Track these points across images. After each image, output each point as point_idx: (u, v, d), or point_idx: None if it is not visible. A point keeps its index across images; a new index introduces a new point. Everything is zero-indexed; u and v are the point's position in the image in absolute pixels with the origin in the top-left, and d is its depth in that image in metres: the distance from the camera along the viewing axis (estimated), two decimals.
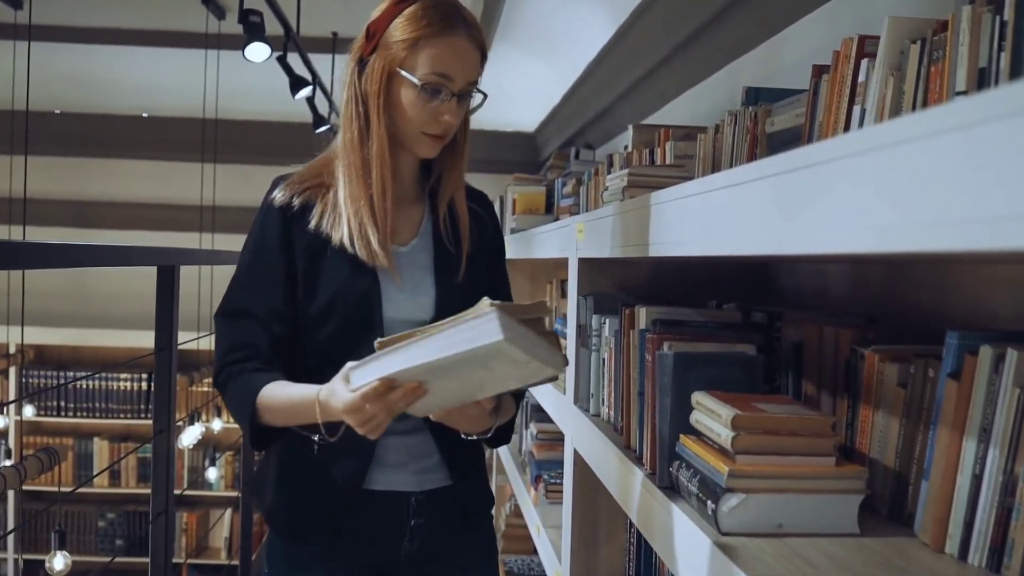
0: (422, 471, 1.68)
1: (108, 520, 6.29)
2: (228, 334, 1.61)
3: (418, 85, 1.53)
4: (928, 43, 1.34)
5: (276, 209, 1.61)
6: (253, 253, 1.63)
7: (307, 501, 1.66)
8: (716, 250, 1.21)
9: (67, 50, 5.72)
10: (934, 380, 1.25)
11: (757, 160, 1.98)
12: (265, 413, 1.54)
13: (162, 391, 2.29)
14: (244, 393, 1.55)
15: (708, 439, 1.38)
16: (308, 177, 1.64)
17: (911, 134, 0.72)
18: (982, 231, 0.62)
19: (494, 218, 1.82)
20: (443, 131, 1.58)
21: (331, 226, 1.59)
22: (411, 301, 1.63)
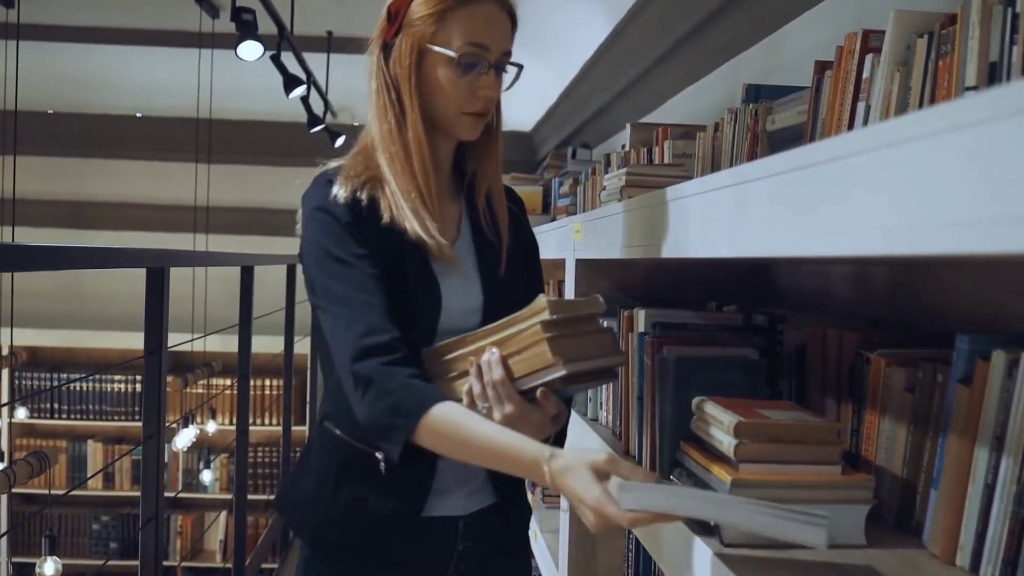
0: (470, 493, 1.59)
1: (102, 523, 6.24)
2: (354, 319, 1.37)
3: (455, 58, 1.41)
4: (936, 37, 1.30)
5: (341, 205, 1.43)
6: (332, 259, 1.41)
7: (360, 527, 1.52)
8: (720, 252, 1.17)
9: (60, 49, 5.68)
10: (943, 385, 1.21)
11: (758, 158, 1.94)
12: (431, 433, 1.31)
13: (151, 395, 2.24)
14: (407, 400, 1.32)
15: (710, 446, 1.34)
16: (357, 172, 1.48)
17: (929, 130, 0.68)
18: (999, 233, 0.58)
19: (523, 211, 1.72)
20: (483, 107, 1.46)
21: (403, 219, 1.44)
22: (463, 304, 1.52)
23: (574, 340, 1.37)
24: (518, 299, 1.50)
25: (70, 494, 6.04)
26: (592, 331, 1.42)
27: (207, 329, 5.26)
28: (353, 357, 1.35)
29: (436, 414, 1.30)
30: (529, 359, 1.36)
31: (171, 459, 6.20)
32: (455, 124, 1.48)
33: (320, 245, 1.43)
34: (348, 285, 1.39)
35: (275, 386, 6.32)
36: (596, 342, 1.42)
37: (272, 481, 6.23)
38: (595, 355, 1.40)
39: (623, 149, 3.08)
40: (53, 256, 1.81)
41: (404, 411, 1.31)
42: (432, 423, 1.30)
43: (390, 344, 1.36)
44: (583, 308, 1.41)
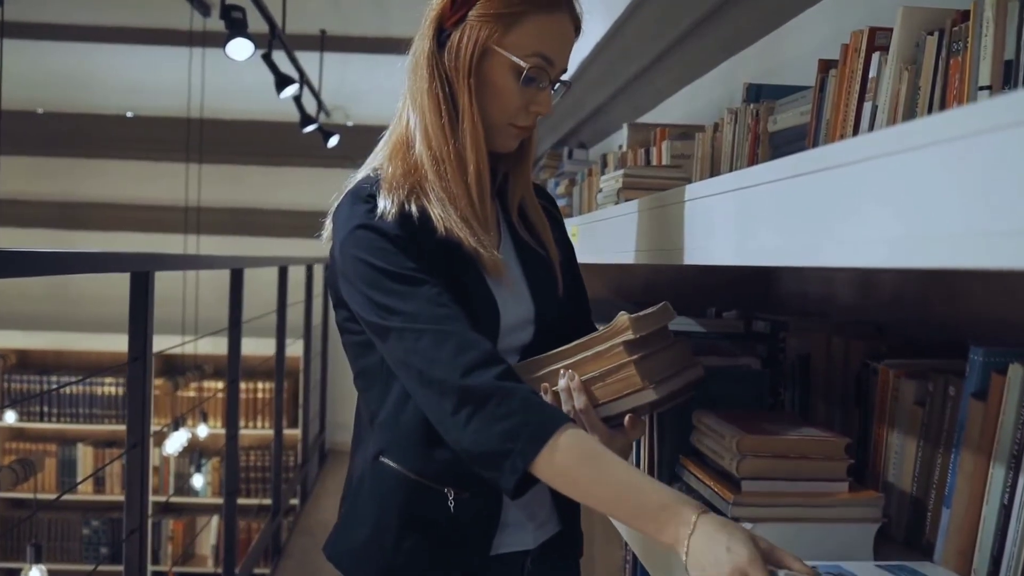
0: (539, 526, 1.45)
1: (92, 528, 6.17)
2: (444, 333, 1.22)
3: (524, 68, 1.29)
4: (947, 34, 1.24)
5: (392, 219, 1.28)
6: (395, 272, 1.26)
7: (429, 570, 1.37)
8: (723, 260, 1.11)
9: (49, 48, 5.62)
10: (955, 399, 1.16)
11: (759, 159, 1.89)
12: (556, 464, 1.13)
13: (136, 402, 2.18)
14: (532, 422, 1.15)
15: (711, 461, 1.29)
16: (399, 182, 1.33)
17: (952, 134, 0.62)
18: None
19: (561, 217, 1.59)
20: (532, 122, 1.37)
21: (457, 229, 1.30)
22: (516, 312, 1.37)
23: (657, 358, 1.29)
24: (566, 308, 1.45)
25: (60, 499, 5.99)
26: (668, 344, 1.33)
27: (199, 330, 5.20)
28: (462, 372, 1.18)
29: (565, 443, 1.12)
30: (615, 384, 1.27)
31: (162, 463, 6.13)
32: (499, 134, 1.35)
33: (371, 265, 1.26)
34: (418, 302, 1.24)
35: (267, 389, 6.26)
36: (675, 356, 1.33)
37: (265, 485, 6.17)
38: (678, 371, 1.32)
39: (620, 149, 3.02)
40: (33, 261, 1.75)
41: (527, 435, 1.14)
42: (560, 453, 1.12)
43: (496, 356, 1.21)
44: (660, 320, 1.31)
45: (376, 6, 4.78)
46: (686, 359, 1.35)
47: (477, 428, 1.17)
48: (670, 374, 1.30)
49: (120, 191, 6.96)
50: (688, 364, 1.34)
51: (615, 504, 1.12)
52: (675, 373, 1.31)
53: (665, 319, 1.31)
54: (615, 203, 2.05)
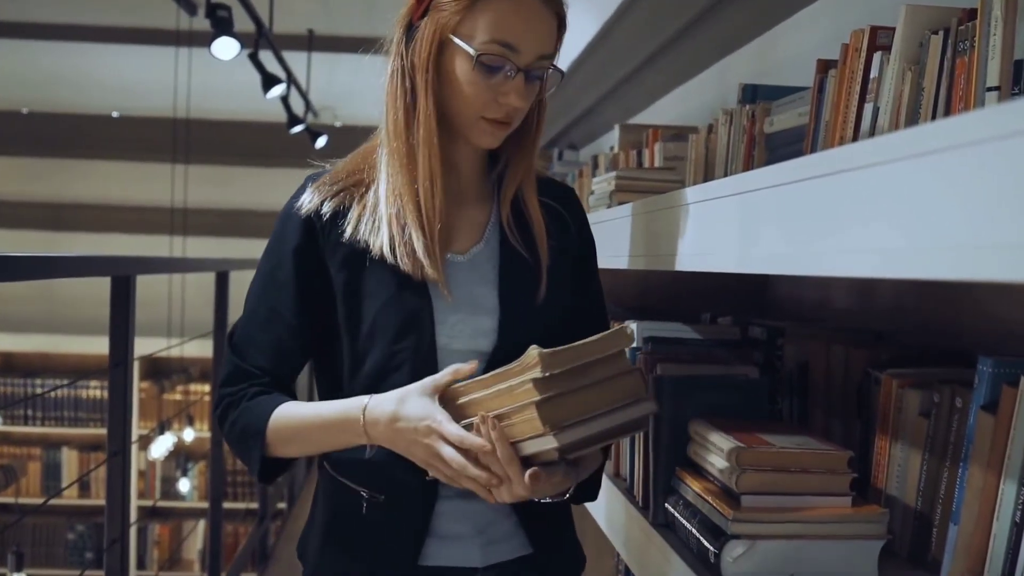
0: (490, 542, 1.34)
1: (77, 532, 6.11)
2: (228, 362, 1.35)
3: (473, 56, 1.23)
4: (953, 33, 1.20)
5: (300, 219, 1.31)
6: (262, 273, 1.35)
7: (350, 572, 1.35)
8: (723, 267, 1.07)
9: (34, 48, 5.56)
10: (962, 411, 1.12)
11: (755, 161, 1.85)
12: (277, 438, 1.28)
13: (117, 410, 2.13)
14: (251, 418, 1.29)
15: (708, 474, 1.25)
16: (344, 175, 1.34)
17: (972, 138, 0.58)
18: None
19: (580, 214, 1.45)
20: (506, 115, 1.27)
21: (369, 232, 1.28)
22: (469, 324, 1.30)
23: (578, 397, 1.13)
24: (552, 320, 1.33)
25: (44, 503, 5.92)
26: (609, 377, 1.15)
27: (185, 333, 5.13)
28: (213, 404, 1.38)
29: (272, 423, 1.28)
30: (521, 424, 1.13)
31: (148, 467, 6.07)
32: (471, 129, 1.29)
33: (259, 264, 1.37)
34: (250, 320, 1.35)
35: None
36: (612, 391, 1.15)
37: (251, 489, 6.11)
38: (608, 410, 1.14)
39: (612, 151, 2.98)
40: (12, 266, 1.69)
41: (251, 432, 1.29)
42: (271, 432, 1.28)
43: (244, 372, 1.33)
44: (594, 351, 1.14)
45: (364, 5, 4.73)
46: (630, 394, 1.16)
47: (228, 434, 1.33)
48: (591, 416, 1.13)
49: (106, 192, 6.89)
50: (630, 401, 1.16)
51: (323, 445, 1.30)
52: (602, 414, 1.14)
53: (603, 350, 1.15)
54: (607, 206, 2.01)
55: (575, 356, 1.12)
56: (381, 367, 1.27)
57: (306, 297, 1.31)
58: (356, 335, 1.29)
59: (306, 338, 1.34)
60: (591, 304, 1.44)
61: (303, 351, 1.35)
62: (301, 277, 1.31)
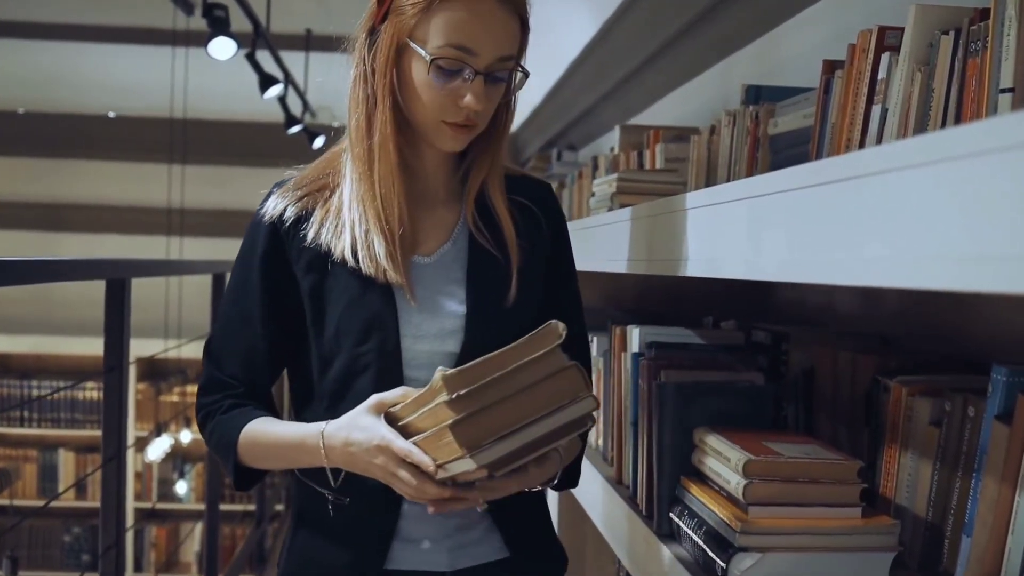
0: (460, 546, 1.33)
1: (74, 535, 6.07)
2: (205, 371, 1.38)
3: (428, 61, 1.22)
4: (964, 33, 1.18)
5: (265, 225, 1.32)
6: (234, 281, 1.37)
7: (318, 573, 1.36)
8: (727, 273, 1.04)
9: (30, 47, 5.52)
10: (975, 420, 1.09)
11: (759, 163, 1.83)
12: (248, 454, 1.31)
13: (112, 415, 2.10)
14: (224, 432, 1.32)
15: (714, 484, 1.22)
16: (308, 180, 1.35)
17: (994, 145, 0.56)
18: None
19: (555, 213, 1.43)
20: (466, 119, 1.26)
21: (332, 235, 1.29)
22: (435, 324, 1.30)
23: (502, 409, 1.07)
24: (524, 320, 1.30)
25: (38, 504, 5.88)
26: (539, 380, 1.09)
27: (182, 334, 5.10)
28: (196, 412, 1.40)
29: (241, 440, 1.31)
30: (445, 447, 1.08)
31: (144, 470, 6.03)
32: (433, 133, 1.29)
33: (232, 271, 1.39)
34: (223, 328, 1.38)
35: None
36: (545, 395, 1.10)
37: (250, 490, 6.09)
38: (540, 416, 1.09)
39: (612, 152, 2.96)
40: (3, 271, 1.67)
41: (224, 441, 1.32)
42: (242, 447, 1.31)
43: (221, 398, 1.36)
44: (511, 359, 1.08)
45: (362, 5, 4.69)
46: (571, 391, 1.11)
47: (209, 445, 1.37)
48: (517, 427, 1.08)
49: (103, 193, 6.84)
50: (563, 403, 1.10)
51: (288, 463, 1.33)
52: (531, 421, 1.08)
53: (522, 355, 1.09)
54: (608, 208, 1.98)
55: (487, 370, 1.08)
56: (347, 370, 1.28)
57: (276, 304, 1.33)
58: (322, 338, 1.30)
59: (279, 345, 1.35)
60: (565, 306, 1.41)
61: (277, 358, 1.37)
62: (270, 284, 1.33)
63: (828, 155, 1.49)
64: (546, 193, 1.44)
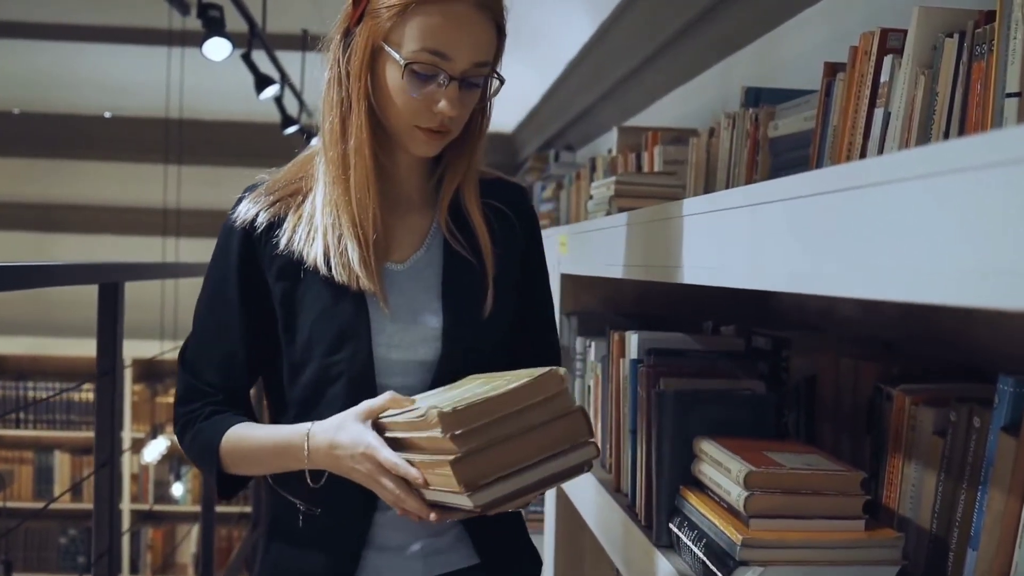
0: (432, 553, 1.33)
1: (70, 537, 6.05)
2: (181, 380, 1.37)
3: (402, 65, 1.21)
4: (969, 36, 1.16)
5: (237, 230, 1.30)
6: (208, 288, 1.36)
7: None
8: (727, 281, 1.02)
9: (25, 47, 5.49)
10: (981, 431, 1.07)
11: (759, 167, 1.81)
12: (230, 459, 1.30)
13: (104, 420, 2.07)
14: (205, 438, 1.31)
15: (714, 494, 1.20)
16: (281, 185, 1.33)
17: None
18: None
19: (529, 217, 1.43)
20: (440, 125, 1.24)
21: (305, 242, 1.27)
22: (409, 333, 1.29)
23: (504, 448, 1.05)
24: (501, 327, 1.33)
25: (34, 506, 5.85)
26: (543, 422, 1.08)
27: (178, 335, 5.07)
28: (173, 422, 1.38)
29: (223, 446, 1.29)
30: (441, 476, 1.06)
31: (141, 471, 6.01)
32: (407, 138, 1.27)
33: (205, 277, 1.37)
34: (197, 335, 1.36)
35: None
36: (547, 438, 1.08)
37: (245, 491, 6.07)
38: (539, 460, 1.07)
39: (609, 154, 2.93)
40: None
41: (205, 447, 1.30)
42: (224, 452, 1.29)
43: (199, 406, 1.34)
44: (511, 403, 1.06)
45: None
46: (573, 436, 1.10)
47: (188, 453, 1.36)
48: (526, 465, 1.06)
49: (98, 193, 6.81)
50: (573, 444, 1.10)
51: (271, 468, 1.30)
52: (536, 462, 1.07)
53: (525, 399, 1.07)
54: (606, 211, 1.96)
55: (485, 410, 1.05)
56: (318, 379, 1.28)
57: (250, 310, 1.32)
58: (293, 346, 1.29)
59: (254, 351, 1.34)
60: (539, 310, 1.43)
61: (253, 364, 1.36)
62: (243, 290, 1.31)
63: (829, 159, 1.47)
64: (520, 196, 1.44)
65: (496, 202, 1.38)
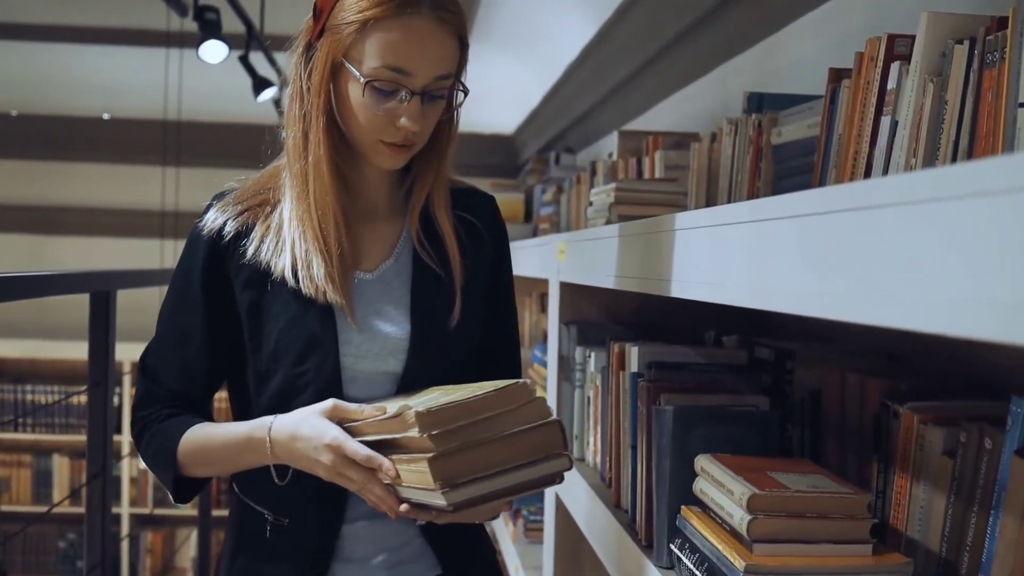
0: (396, 564, 1.34)
1: (68, 541, 6.01)
2: (140, 385, 1.37)
3: (362, 83, 1.21)
4: (980, 43, 1.12)
5: (204, 240, 1.31)
6: (172, 294, 1.36)
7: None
8: (728, 299, 0.98)
9: (22, 49, 5.46)
10: (992, 453, 1.03)
11: (762, 174, 1.77)
12: (189, 459, 1.30)
13: (96, 432, 2.04)
14: (163, 440, 1.31)
15: (717, 516, 1.16)
16: (250, 194, 1.34)
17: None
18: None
19: (497, 228, 1.44)
20: (404, 139, 1.25)
21: (272, 252, 1.28)
22: (376, 343, 1.30)
23: (481, 451, 1.08)
24: (470, 337, 1.35)
25: (33, 511, 5.83)
26: (521, 430, 1.10)
27: None
28: (131, 425, 1.38)
29: (182, 445, 1.29)
30: (416, 473, 1.08)
31: (140, 475, 5.97)
32: (372, 152, 1.28)
33: (174, 273, 1.36)
34: (159, 342, 1.36)
35: None
36: (523, 445, 1.10)
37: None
38: (514, 466, 1.10)
39: (610, 158, 2.90)
40: None
41: (163, 454, 1.30)
42: (182, 454, 1.29)
43: (155, 395, 1.34)
44: (483, 409, 1.09)
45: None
46: (549, 446, 1.12)
47: (144, 456, 1.34)
48: (501, 469, 1.09)
49: (96, 195, 6.76)
50: (548, 454, 1.12)
51: (233, 465, 1.29)
52: (511, 468, 1.09)
53: (492, 408, 1.09)
54: (606, 219, 1.93)
55: (459, 414, 1.07)
56: (285, 388, 1.28)
57: (214, 318, 1.32)
58: (259, 355, 1.29)
59: (216, 359, 1.34)
60: (505, 320, 1.45)
61: (214, 372, 1.36)
62: (208, 298, 1.32)
63: (834, 167, 1.43)
64: (490, 207, 1.44)
65: (466, 213, 1.39)
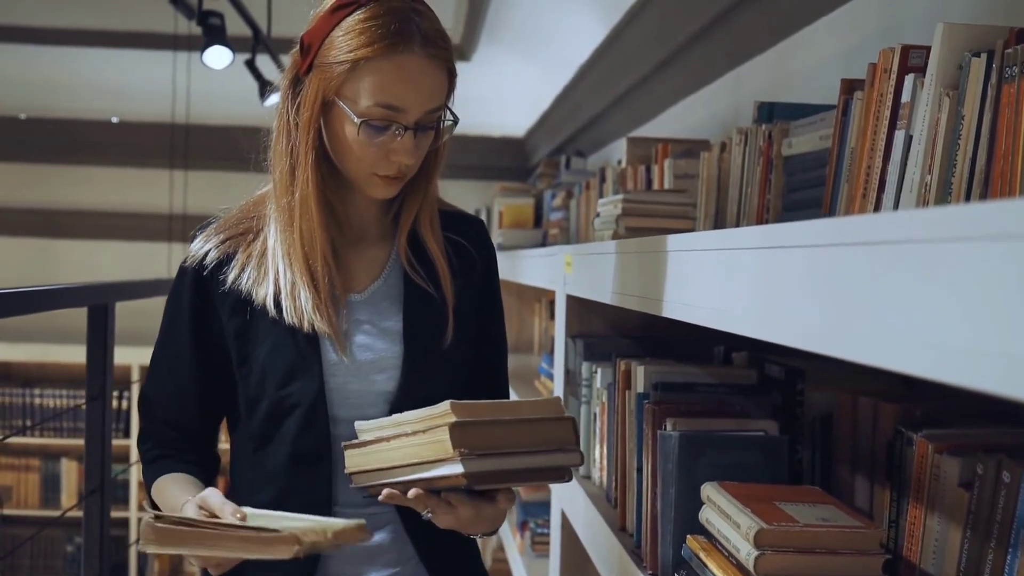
0: (383, 565, 1.32)
1: (76, 545, 6.00)
2: (140, 422, 1.41)
3: (357, 123, 1.21)
4: (998, 56, 1.07)
5: (189, 271, 1.33)
6: (163, 330, 1.38)
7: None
8: (735, 328, 0.94)
9: (30, 52, 5.44)
10: (1011, 487, 0.98)
11: (772, 185, 1.72)
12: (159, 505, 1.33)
13: (94, 447, 2.01)
14: (146, 483, 1.36)
15: (723, 548, 1.12)
16: (232, 223, 1.35)
17: None
18: None
19: (487, 249, 1.45)
20: (397, 171, 1.26)
21: (254, 281, 1.29)
22: (367, 363, 1.30)
23: (497, 429, 1.13)
24: (464, 356, 1.35)
25: (40, 514, 5.83)
26: (536, 419, 1.16)
27: None
28: (136, 441, 1.41)
29: (152, 492, 1.33)
30: (432, 445, 1.12)
31: None
32: (365, 185, 1.28)
33: (164, 308, 1.38)
34: (153, 376, 1.38)
35: None
36: (538, 434, 1.16)
37: None
38: (529, 450, 1.14)
39: (619, 165, 2.85)
40: None
41: (148, 493, 1.34)
42: (155, 499, 1.32)
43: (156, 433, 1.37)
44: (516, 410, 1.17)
45: None
46: (562, 440, 1.17)
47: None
48: (516, 450, 1.13)
49: (104, 199, 6.74)
50: (549, 448, 1.16)
51: None
52: (525, 451, 1.14)
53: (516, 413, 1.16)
54: (613, 230, 1.89)
55: (490, 411, 1.15)
56: (273, 411, 1.28)
57: (203, 349, 1.33)
58: (248, 380, 1.29)
59: (209, 390, 1.35)
60: (495, 341, 1.45)
61: (210, 403, 1.37)
62: (195, 330, 1.33)
63: (846, 182, 1.38)
64: (478, 229, 1.44)
65: (455, 235, 1.39)
